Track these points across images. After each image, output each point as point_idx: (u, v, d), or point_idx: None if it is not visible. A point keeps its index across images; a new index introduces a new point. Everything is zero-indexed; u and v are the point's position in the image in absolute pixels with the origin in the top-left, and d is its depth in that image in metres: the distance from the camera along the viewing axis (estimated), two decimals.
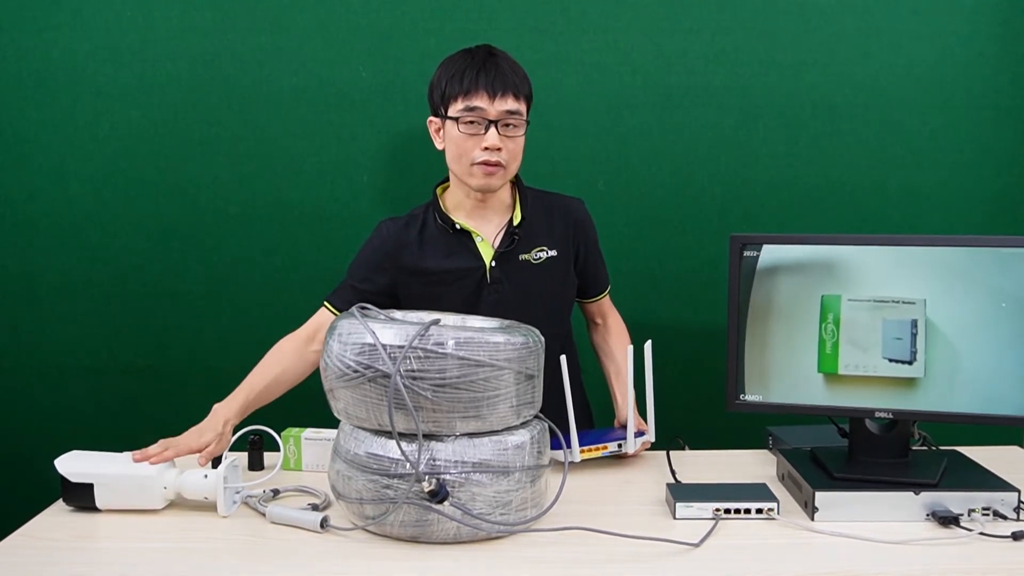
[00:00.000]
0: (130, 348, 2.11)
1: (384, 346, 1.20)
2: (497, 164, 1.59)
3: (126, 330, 2.10)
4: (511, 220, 1.69)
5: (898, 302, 1.40)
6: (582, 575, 1.15)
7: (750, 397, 1.46)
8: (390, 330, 1.21)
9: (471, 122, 1.57)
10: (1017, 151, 2.09)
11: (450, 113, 1.59)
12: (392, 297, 1.72)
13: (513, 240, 1.67)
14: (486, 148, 1.57)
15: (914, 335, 1.39)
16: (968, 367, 1.37)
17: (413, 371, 1.19)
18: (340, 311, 1.72)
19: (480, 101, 1.56)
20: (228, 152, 2.05)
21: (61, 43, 2.00)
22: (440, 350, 1.19)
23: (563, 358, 1.52)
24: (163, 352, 2.11)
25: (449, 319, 1.46)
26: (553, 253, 1.70)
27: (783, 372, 1.45)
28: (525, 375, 1.26)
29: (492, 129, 1.57)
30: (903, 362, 1.40)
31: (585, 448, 1.54)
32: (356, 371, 1.22)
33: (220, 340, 2.11)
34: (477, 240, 1.68)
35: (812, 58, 2.05)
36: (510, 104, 1.57)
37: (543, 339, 1.35)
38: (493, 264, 1.67)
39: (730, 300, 1.46)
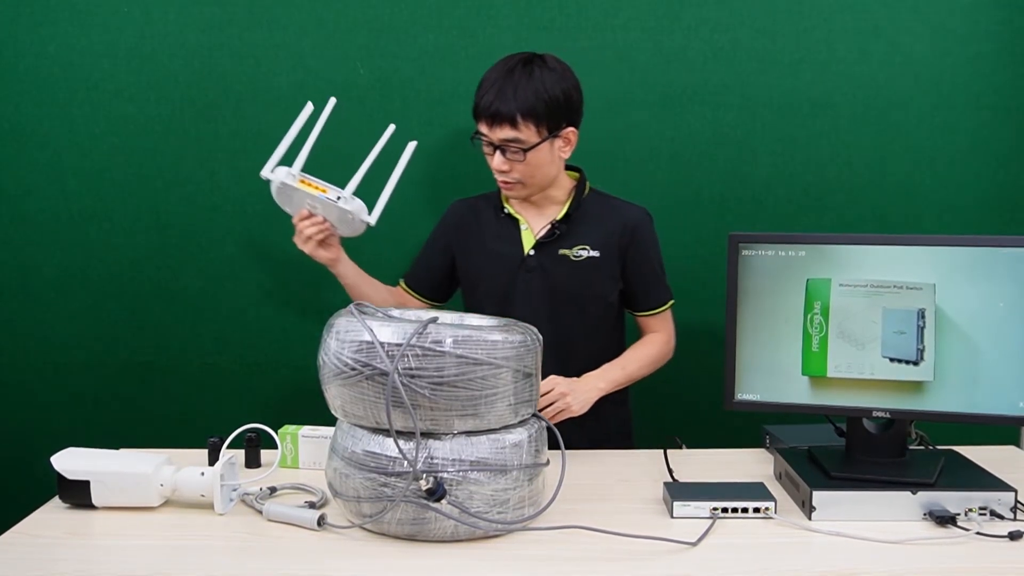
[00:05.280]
0: (127, 344, 2.10)
1: (382, 344, 1.19)
2: (508, 183, 1.66)
3: (123, 326, 2.10)
4: (559, 215, 1.73)
5: (901, 287, 1.21)
6: (579, 574, 1.15)
7: (746, 396, 1.46)
8: (388, 328, 1.21)
9: (485, 143, 1.65)
10: (1015, 150, 2.09)
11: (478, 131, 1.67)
12: (455, 273, 1.83)
13: (554, 233, 1.71)
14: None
15: (921, 328, 1.26)
16: (983, 367, 1.26)
17: (411, 369, 1.19)
18: (410, 287, 1.85)
19: (483, 127, 1.63)
20: (225, 149, 2.05)
21: (58, 39, 2.00)
22: (438, 348, 1.19)
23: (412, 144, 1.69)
24: (160, 349, 2.10)
25: (447, 317, 1.45)
26: (595, 254, 1.71)
27: (771, 371, 1.43)
28: (523, 373, 1.26)
29: (497, 153, 1.63)
30: (907, 362, 1.30)
31: (307, 179, 1.65)
32: (354, 369, 1.21)
33: (217, 337, 2.11)
34: (522, 228, 1.73)
35: (811, 56, 2.04)
36: (507, 133, 1.60)
37: (541, 337, 1.35)
38: (531, 252, 1.71)
39: (728, 298, 1.45)
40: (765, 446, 1.72)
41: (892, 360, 1.36)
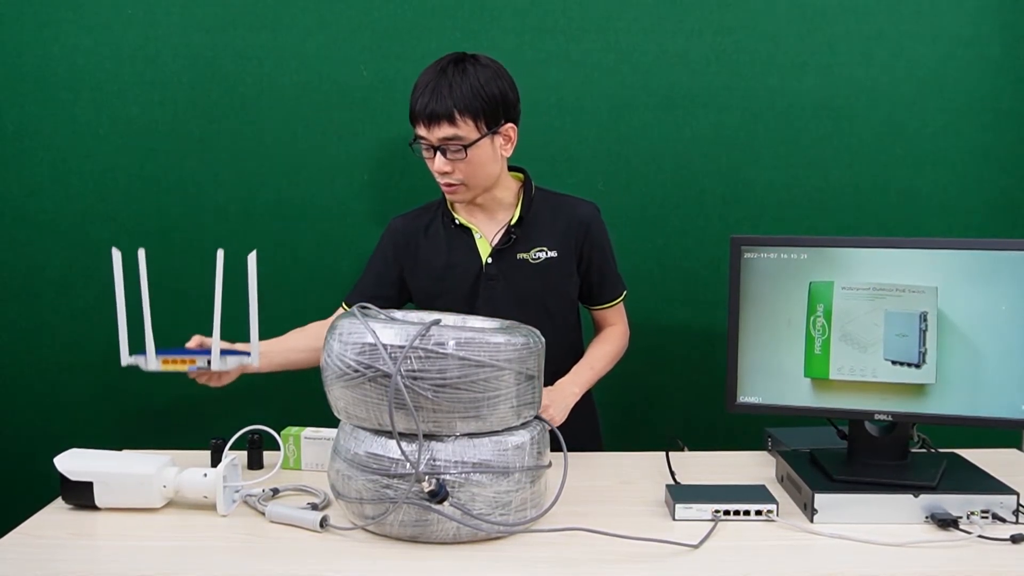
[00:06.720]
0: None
1: (385, 346, 1.20)
2: (451, 184, 1.63)
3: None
4: (512, 219, 1.70)
5: (903, 290, 1.22)
6: (581, 575, 1.16)
7: (748, 398, 1.46)
8: (391, 330, 1.21)
9: (424, 147, 1.61)
10: (1018, 154, 2.09)
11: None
12: (403, 292, 1.77)
13: (510, 238, 1.69)
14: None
15: (923, 331, 1.27)
16: (985, 370, 1.27)
17: (414, 371, 1.19)
18: None
19: (421, 130, 1.59)
20: (229, 150, 2.05)
21: (62, 39, 2.00)
22: (441, 350, 1.19)
23: (252, 256, 1.48)
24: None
25: (450, 319, 1.46)
26: (553, 254, 1.70)
27: (773, 374, 1.43)
28: (525, 376, 1.26)
29: (438, 154, 1.59)
30: (909, 365, 1.31)
31: (169, 358, 1.47)
32: (356, 371, 1.21)
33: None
34: (476, 236, 1.70)
35: (813, 59, 2.05)
36: (446, 131, 1.56)
37: (543, 339, 1.35)
38: (489, 261, 1.69)
39: (730, 301, 1.45)
40: (767, 448, 1.72)
41: (894, 363, 1.36)
